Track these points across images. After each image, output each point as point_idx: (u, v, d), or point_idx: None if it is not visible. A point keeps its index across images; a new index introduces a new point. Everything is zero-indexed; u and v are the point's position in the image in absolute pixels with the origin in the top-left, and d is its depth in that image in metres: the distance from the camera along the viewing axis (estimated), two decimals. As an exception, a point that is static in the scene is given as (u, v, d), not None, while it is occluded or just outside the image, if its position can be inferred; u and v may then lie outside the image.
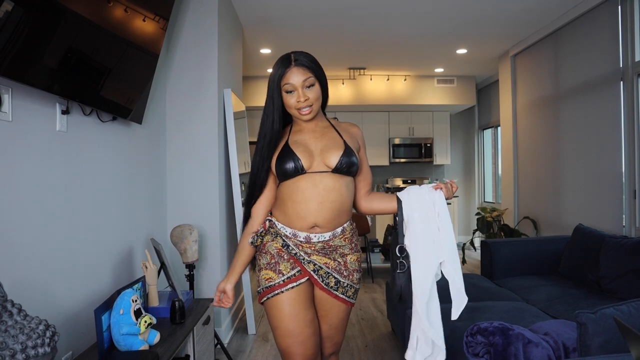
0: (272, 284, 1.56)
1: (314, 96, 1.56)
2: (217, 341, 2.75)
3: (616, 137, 3.42)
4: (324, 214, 1.55)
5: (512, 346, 1.59)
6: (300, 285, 1.57)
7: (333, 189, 1.56)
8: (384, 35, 4.75)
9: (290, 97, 1.56)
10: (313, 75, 1.56)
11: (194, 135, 3.13)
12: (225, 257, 3.30)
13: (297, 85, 1.54)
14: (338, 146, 1.58)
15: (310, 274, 1.58)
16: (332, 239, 1.59)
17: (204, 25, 3.17)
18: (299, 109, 1.57)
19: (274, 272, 1.56)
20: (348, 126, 1.72)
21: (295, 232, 1.57)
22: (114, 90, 2.10)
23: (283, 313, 1.54)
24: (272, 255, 1.58)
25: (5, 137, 1.50)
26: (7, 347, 1.17)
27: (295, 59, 1.56)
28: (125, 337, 1.76)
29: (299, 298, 1.56)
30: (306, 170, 1.54)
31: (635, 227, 3.25)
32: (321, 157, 1.57)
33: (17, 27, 1.40)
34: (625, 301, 1.49)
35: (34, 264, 1.64)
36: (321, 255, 1.58)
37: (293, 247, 1.57)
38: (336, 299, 1.61)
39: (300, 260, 1.57)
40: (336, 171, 1.56)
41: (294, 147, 1.57)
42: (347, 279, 1.62)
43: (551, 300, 2.73)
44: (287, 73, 1.55)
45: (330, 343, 1.69)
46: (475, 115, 7.41)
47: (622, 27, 3.36)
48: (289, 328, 1.54)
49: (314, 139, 1.61)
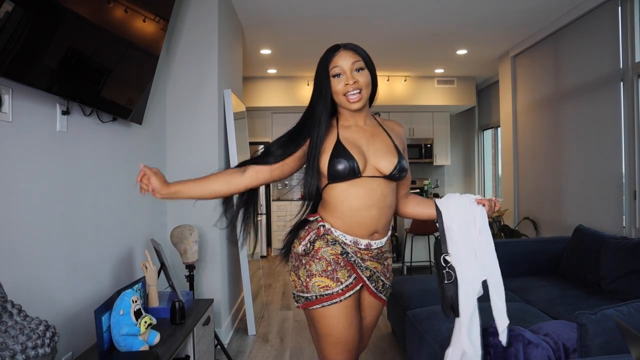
0: (329, 292, 1.47)
1: (364, 80, 1.47)
2: (217, 342, 2.75)
3: (616, 137, 3.42)
4: (383, 221, 1.51)
5: (512, 347, 1.59)
6: (356, 293, 1.52)
7: (388, 195, 1.50)
8: (385, 36, 4.75)
9: (338, 82, 1.46)
10: (362, 60, 1.48)
11: (194, 136, 3.13)
12: (226, 257, 3.30)
13: (346, 68, 1.46)
14: (391, 151, 1.50)
15: (364, 280, 1.52)
16: (385, 244, 1.57)
17: (204, 26, 3.17)
18: (347, 94, 1.46)
19: (332, 280, 1.47)
20: (394, 125, 1.63)
21: (357, 240, 1.49)
22: (114, 91, 2.10)
23: (340, 322, 1.47)
24: (328, 262, 1.48)
25: (5, 137, 1.50)
26: (7, 348, 1.17)
27: (345, 44, 1.51)
28: (125, 338, 1.76)
29: (353, 306, 1.50)
30: (362, 173, 1.45)
31: (635, 228, 3.25)
32: (375, 161, 1.47)
33: (18, 27, 1.40)
34: (626, 302, 1.49)
35: (34, 265, 1.64)
36: (374, 260, 1.54)
37: (352, 255, 1.49)
38: (380, 300, 1.61)
39: (357, 267, 1.50)
40: (390, 177, 1.49)
41: (346, 146, 1.45)
42: (389, 281, 1.62)
43: (551, 301, 2.72)
44: (335, 56, 1.47)
45: (362, 342, 1.66)
46: (475, 115, 7.41)
47: (622, 27, 3.36)
48: (343, 337, 1.48)
49: (365, 139, 1.50)
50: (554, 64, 4.35)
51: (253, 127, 6.92)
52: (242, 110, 3.96)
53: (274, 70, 6.19)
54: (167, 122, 3.12)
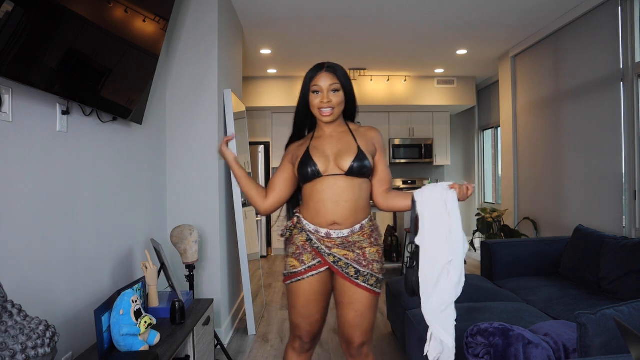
0: (295, 270, 1.79)
1: (336, 100, 1.77)
2: (217, 342, 2.75)
3: (616, 138, 3.42)
4: (340, 212, 1.74)
5: (512, 347, 1.59)
6: (320, 274, 1.78)
7: (346, 190, 1.74)
8: (384, 36, 4.75)
9: (316, 98, 1.78)
10: (339, 83, 1.78)
11: (194, 136, 3.13)
12: (225, 257, 3.30)
13: (324, 88, 1.76)
14: (351, 151, 1.76)
15: (331, 264, 1.75)
16: (351, 235, 1.76)
17: (204, 26, 3.17)
18: (321, 109, 1.77)
19: (298, 261, 1.79)
20: (366, 130, 1.88)
21: (317, 228, 1.77)
22: (114, 91, 2.10)
23: (300, 298, 1.79)
24: (297, 247, 1.80)
25: (5, 137, 1.50)
26: (7, 348, 1.17)
27: (327, 66, 1.79)
28: (125, 338, 1.76)
29: (316, 288, 1.79)
30: (322, 174, 1.74)
31: (635, 228, 3.25)
32: (336, 162, 1.75)
33: (18, 27, 1.40)
34: (626, 302, 1.49)
35: (34, 265, 1.64)
36: (340, 248, 1.75)
37: (315, 242, 1.77)
38: (358, 287, 1.75)
39: (322, 253, 1.76)
40: (349, 174, 1.74)
41: (312, 153, 1.77)
42: (367, 269, 1.75)
43: (551, 301, 2.72)
44: (317, 76, 1.78)
45: (360, 331, 1.78)
46: (475, 115, 7.41)
47: (622, 28, 3.36)
48: (302, 311, 1.80)
49: (331, 144, 1.80)
50: (554, 64, 4.35)
51: (253, 127, 6.92)
52: (242, 110, 3.96)
53: (274, 70, 6.19)
54: (167, 122, 3.12)
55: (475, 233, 5.30)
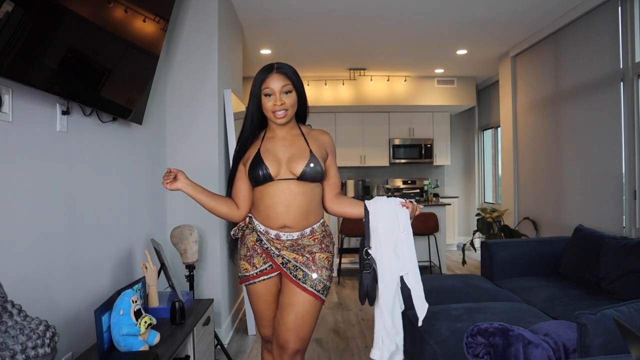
0: (247, 274, 1.79)
1: (289, 102, 1.73)
2: (217, 342, 2.75)
3: (616, 138, 3.42)
4: (291, 217, 1.72)
5: (512, 347, 1.59)
6: (272, 278, 1.78)
7: (298, 194, 1.72)
8: (384, 36, 4.75)
9: (268, 101, 1.72)
10: (291, 84, 1.73)
11: (194, 136, 3.13)
12: (225, 257, 3.30)
13: (276, 90, 1.71)
14: (304, 155, 1.74)
15: (280, 267, 1.75)
16: (301, 238, 1.75)
17: (204, 26, 3.17)
18: (275, 112, 1.72)
19: (249, 264, 1.78)
20: (318, 134, 1.86)
21: (267, 230, 1.75)
22: (114, 91, 2.10)
23: (256, 300, 1.82)
24: (248, 248, 1.79)
25: (5, 137, 1.50)
26: (7, 348, 1.17)
27: (277, 67, 1.74)
28: (125, 338, 1.76)
29: (270, 289, 1.80)
30: (274, 178, 1.71)
31: (635, 228, 3.25)
32: (288, 166, 1.72)
33: (18, 27, 1.40)
34: (626, 302, 1.49)
35: (34, 265, 1.64)
36: (289, 250, 1.75)
37: (265, 242, 1.75)
38: (304, 290, 1.72)
39: (271, 254, 1.75)
40: (301, 178, 1.71)
41: (264, 156, 1.73)
42: (316, 273, 1.74)
43: (551, 301, 2.72)
44: (267, 78, 1.72)
45: (296, 337, 1.70)
46: (475, 115, 7.41)
47: (622, 28, 3.36)
48: (261, 313, 1.84)
49: (284, 147, 1.76)
50: (554, 64, 4.35)
51: (253, 127, 6.91)
52: (242, 110, 3.96)
53: (274, 70, 6.18)
54: (167, 122, 3.12)
55: (475, 233, 5.29)
